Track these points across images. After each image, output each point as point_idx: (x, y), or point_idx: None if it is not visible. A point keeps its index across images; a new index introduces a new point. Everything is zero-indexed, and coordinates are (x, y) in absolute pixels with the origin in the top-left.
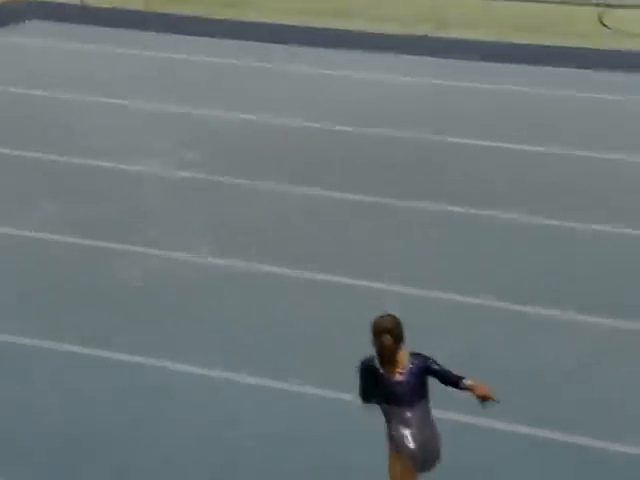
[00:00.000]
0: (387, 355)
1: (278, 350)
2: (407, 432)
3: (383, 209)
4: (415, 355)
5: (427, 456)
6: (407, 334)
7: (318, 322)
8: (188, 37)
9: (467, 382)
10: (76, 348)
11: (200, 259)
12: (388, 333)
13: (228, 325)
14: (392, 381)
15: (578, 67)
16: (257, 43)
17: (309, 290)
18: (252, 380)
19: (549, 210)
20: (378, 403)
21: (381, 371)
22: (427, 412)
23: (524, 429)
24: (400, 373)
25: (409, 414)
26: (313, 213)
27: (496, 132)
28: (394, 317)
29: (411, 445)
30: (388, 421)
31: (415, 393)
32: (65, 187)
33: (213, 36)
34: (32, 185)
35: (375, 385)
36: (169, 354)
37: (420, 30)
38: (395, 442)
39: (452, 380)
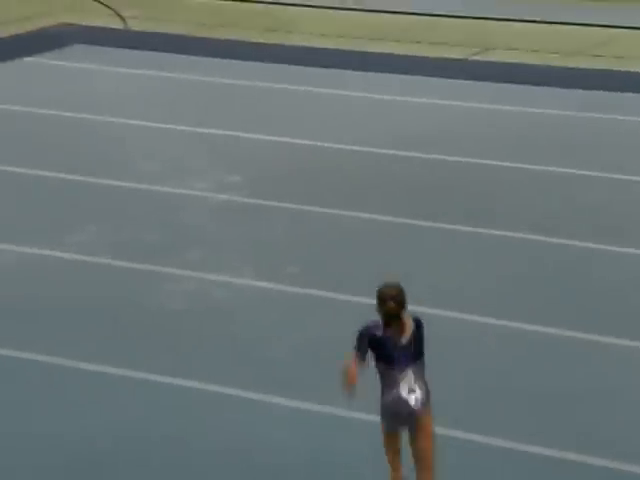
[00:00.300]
0: (392, 320)
1: (320, 372)
2: (408, 389)
3: (425, 232)
4: (415, 320)
5: (401, 409)
6: (442, 354)
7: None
8: (231, 61)
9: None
10: (119, 370)
11: (241, 281)
12: (392, 300)
13: (269, 347)
14: (397, 344)
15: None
16: (301, 67)
17: (350, 312)
18: (293, 403)
19: (589, 233)
20: (376, 365)
21: (384, 335)
22: (422, 370)
23: (559, 453)
24: (405, 336)
25: (407, 372)
26: (355, 235)
27: (539, 155)
28: (397, 285)
29: (414, 398)
30: (382, 383)
31: (416, 354)
32: (107, 209)
33: (256, 60)
34: (75, 207)
35: (373, 350)
36: (212, 376)
37: (464, 53)
38: (381, 402)
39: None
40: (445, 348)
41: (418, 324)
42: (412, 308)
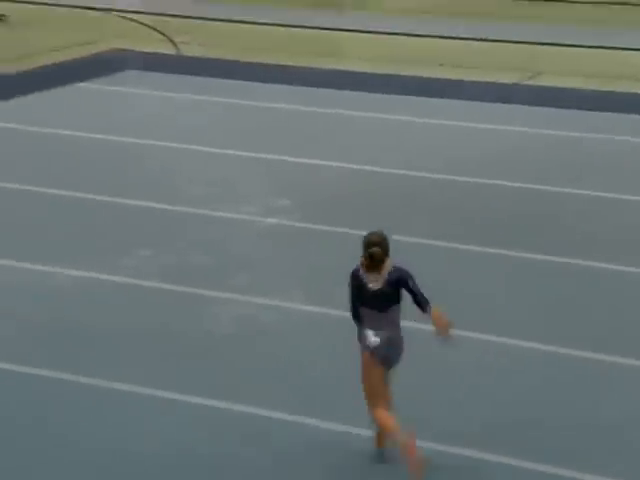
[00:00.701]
0: (374, 264)
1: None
2: (374, 332)
3: (473, 255)
4: (396, 268)
5: (390, 352)
6: (486, 380)
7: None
8: (280, 85)
9: (432, 310)
10: (168, 393)
11: (289, 305)
12: (377, 246)
13: (318, 370)
14: (371, 288)
15: None
16: (350, 91)
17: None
18: (341, 427)
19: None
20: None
21: (364, 280)
22: (397, 316)
23: None
24: (377, 282)
25: (380, 317)
26: (404, 259)
27: (594, 181)
28: (381, 233)
29: (374, 339)
30: (360, 322)
31: (389, 300)
32: (158, 233)
33: (305, 84)
34: (127, 231)
35: (358, 295)
36: (260, 400)
37: (514, 78)
38: (364, 340)
39: (420, 302)
40: (491, 374)
41: (399, 275)
42: (459, 331)
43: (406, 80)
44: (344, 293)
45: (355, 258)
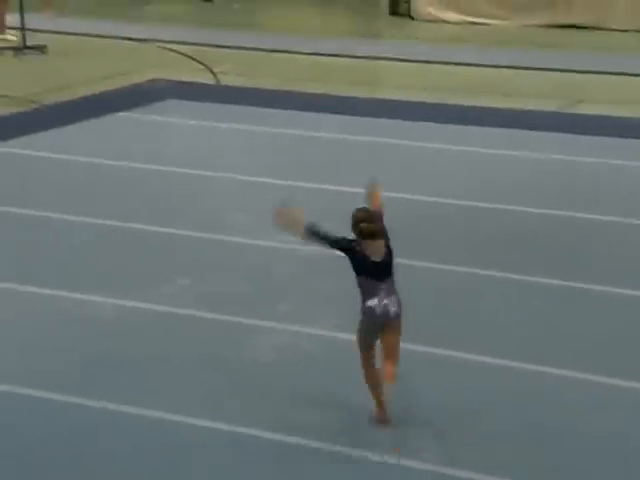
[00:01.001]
0: (368, 237)
1: (411, 425)
2: (374, 299)
3: (515, 284)
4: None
5: (388, 310)
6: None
7: (461, 401)
8: (319, 114)
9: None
10: (208, 423)
11: (331, 333)
12: (364, 221)
13: (360, 400)
14: (372, 261)
15: None
16: (388, 120)
17: (441, 364)
18: (385, 458)
19: None
20: (357, 277)
21: (362, 253)
22: (393, 284)
23: None
24: (379, 255)
25: (380, 286)
26: (443, 287)
27: (631, 209)
28: (365, 209)
29: (373, 302)
30: (362, 292)
31: (387, 270)
32: (199, 262)
33: (343, 113)
34: (168, 260)
35: (350, 258)
36: (302, 430)
37: (553, 106)
38: (363, 308)
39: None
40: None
41: (389, 250)
42: (504, 362)
43: (443, 108)
44: None
45: (399, 286)
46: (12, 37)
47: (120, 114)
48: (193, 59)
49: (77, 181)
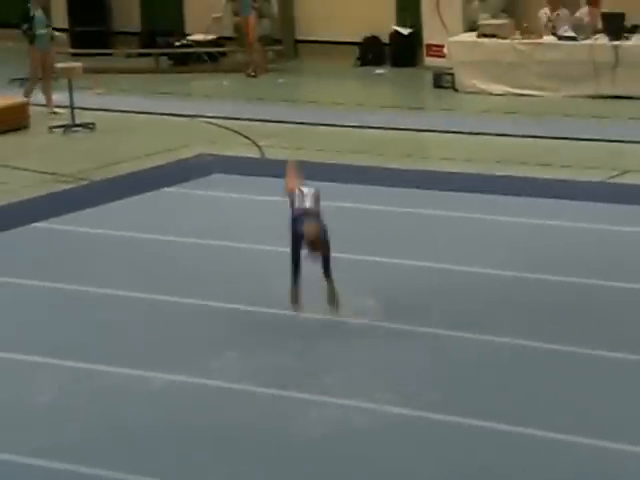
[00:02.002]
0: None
1: None
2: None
3: (564, 356)
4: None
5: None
6: None
7: (494, 471)
8: (364, 186)
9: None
10: None
11: (381, 407)
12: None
13: (411, 475)
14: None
15: None
16: (433, 191)
17: (491, 440)
18: None
19: None
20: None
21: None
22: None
23: None
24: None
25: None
26: (493, 360)
27: None
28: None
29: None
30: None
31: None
32: (244, 335)
33: (388, 185)
34: (212, 333)
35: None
36: None
37: (599, 176)
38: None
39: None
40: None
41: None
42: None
43: (488, 179)
44: (436, 395)
45: (444, 359)
46: (60, 111)
47: (166, 189)
48: (238, 133)
49: (124, 256)
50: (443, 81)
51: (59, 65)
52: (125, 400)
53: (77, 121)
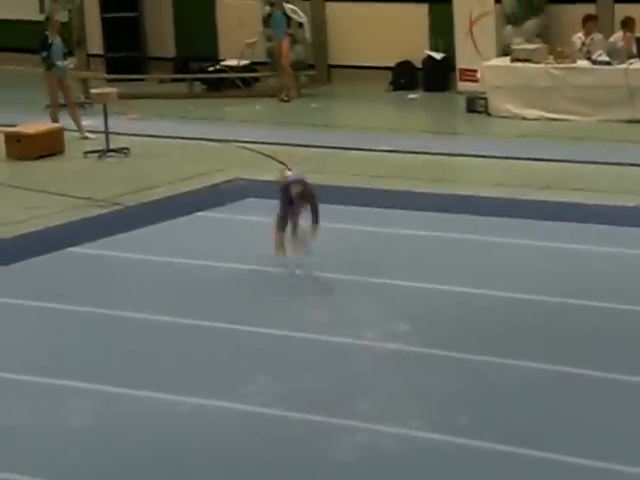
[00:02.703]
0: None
1: None
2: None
3: (596, 381)
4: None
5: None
6: None
7: None
8: (396, 210)
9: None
10: None
11: (412, 432)
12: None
13: None
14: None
15: None
16: (466, 215)
17: (525, 465)
18: None
19: None
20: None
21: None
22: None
23: None
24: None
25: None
26: (526, 385)
27: None
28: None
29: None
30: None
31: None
32: (278, 360)
33: (420, 209)
34: (245, 358)
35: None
36: None
37: (635, 201)
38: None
39: None
40: None
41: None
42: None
43: (521, 203)
44: (467, 420)
45: (476, 384)
46: (91, 136)
47: (200, 214)
48: (272, 158)
49: (157, 281)
50: (476, 106)
51: (94, 91)
52: (156, 425)
53: (112, 146)
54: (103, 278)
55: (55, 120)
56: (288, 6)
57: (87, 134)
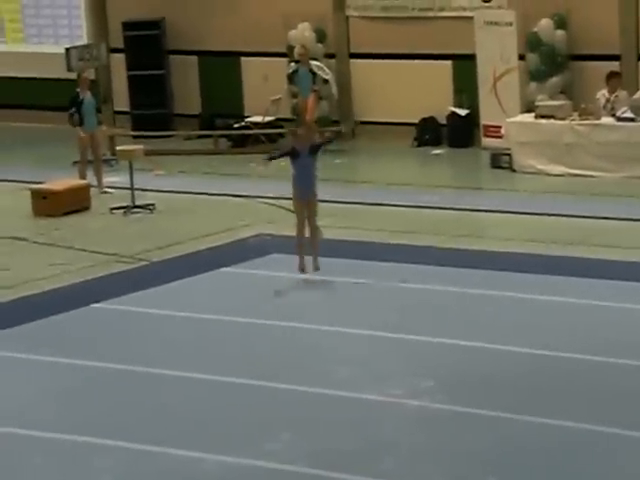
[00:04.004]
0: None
1: None
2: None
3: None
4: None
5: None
6: None
7: None
8: (418, 266)
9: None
10: None
11: None
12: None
13: None
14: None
15: None
16: (492, 272)
17: None
18: None
19: None
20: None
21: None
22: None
23: None
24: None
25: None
26: (557, 445)
27: None
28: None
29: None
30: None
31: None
32: (301, 416)
33: (446, 265)
34: (268, 414)
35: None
36: None
37: None
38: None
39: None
40: None
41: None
42: None
43: (548, 260)
44: (492, 476)
45: (504, 443)
46: (110, 191)
47: (225, 269)
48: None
49: (182, 337)
50: (501, 162)
51: (120, 148)
52: None
53: (137, 202)
54: (127, 334)
55: (83, 177)
56: (314, 63)
57: (106, 189)
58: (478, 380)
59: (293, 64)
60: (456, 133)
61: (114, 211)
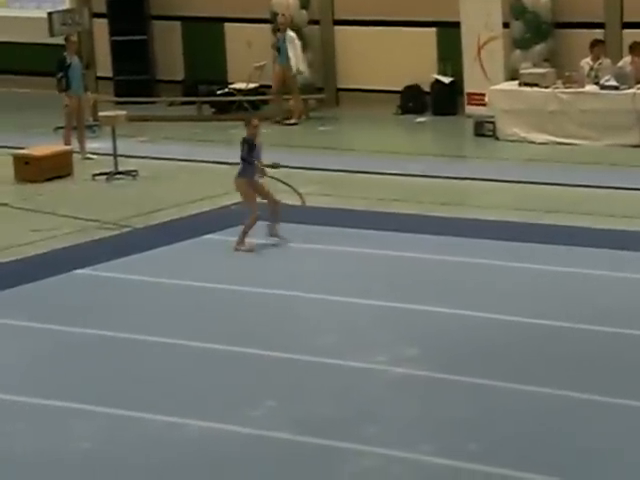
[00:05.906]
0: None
1: None
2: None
3: (614, 409)
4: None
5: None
6: None
7: None
8: (406, 234)
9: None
10: None
11: (420, 457)
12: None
13: None
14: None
15: None
16: (475, 239)
17: None
18: None
19: None
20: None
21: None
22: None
23: None
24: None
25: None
26: (537, 411)
27: None
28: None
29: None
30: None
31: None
32: (285, 384)
33: (432, 233)
34: (252, 382)
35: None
36: None
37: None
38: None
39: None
40: None
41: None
42: None
43: (530, 227)
44: (476, 446)
45: (485, 409)
46: (93, 157)
47: (208, 237)
48: (279, 181)
49: (165, 304)
50: (484, 129)
51: (102, 114)
52: (161, 449)
53: (120, 168)
54: (110, 300)
55: (68, 142)
56: (289, 34)
57: (89, 155)
58: (463, 348)
59: (278, 33)
60: (440, 101)
61: (97, 177)
